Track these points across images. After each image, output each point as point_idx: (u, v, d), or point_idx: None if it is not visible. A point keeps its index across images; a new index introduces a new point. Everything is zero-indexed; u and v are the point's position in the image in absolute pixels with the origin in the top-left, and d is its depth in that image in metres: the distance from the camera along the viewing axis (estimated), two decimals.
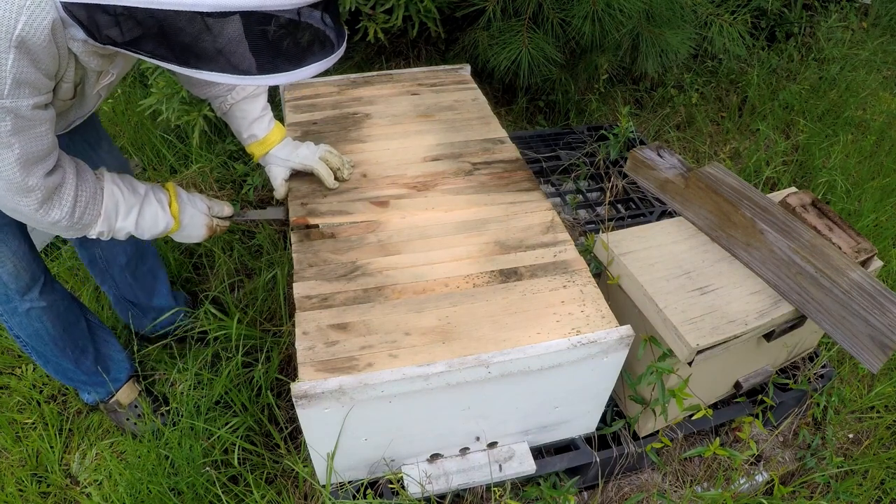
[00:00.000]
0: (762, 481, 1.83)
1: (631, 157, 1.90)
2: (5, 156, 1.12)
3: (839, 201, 2.78)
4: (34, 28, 1.01)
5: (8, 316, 1.61)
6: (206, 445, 1.71)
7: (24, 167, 1.15)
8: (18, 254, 1.50)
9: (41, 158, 1.18)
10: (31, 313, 1.61)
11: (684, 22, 2.79)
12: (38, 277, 1.58)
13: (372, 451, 1.43)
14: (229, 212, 1.63)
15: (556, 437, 1.63)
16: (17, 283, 1.53)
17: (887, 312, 1.40)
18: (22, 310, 1.59)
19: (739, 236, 1.62)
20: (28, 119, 1.11)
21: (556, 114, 3.25)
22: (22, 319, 1.61)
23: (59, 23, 1.04)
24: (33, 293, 1.58)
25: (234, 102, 1.62)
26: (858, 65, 3.79)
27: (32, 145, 1.14)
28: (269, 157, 1.70)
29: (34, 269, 1.57)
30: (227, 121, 1.69)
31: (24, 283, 1.55)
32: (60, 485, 1.82)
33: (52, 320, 1.65)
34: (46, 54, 1.06)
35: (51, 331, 1.66)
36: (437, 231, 1.60)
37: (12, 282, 1.53)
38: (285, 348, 1.98)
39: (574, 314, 1.40)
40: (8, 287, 1.53)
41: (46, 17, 1.01)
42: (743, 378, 1.74)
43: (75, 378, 1.82)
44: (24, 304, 1.59)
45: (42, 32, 1.02)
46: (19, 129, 1.11)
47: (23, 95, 1.07)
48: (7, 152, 1.11)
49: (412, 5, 2.57)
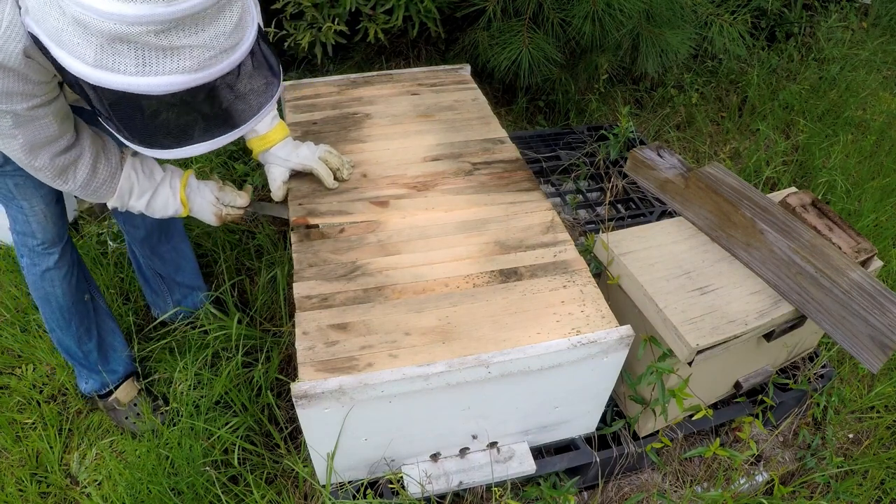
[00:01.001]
0: (762, 481, 1.83)
1: (631, 157, 1.90)
2: (11, 144, 1.24)
3: (839, 201, 2.78)
4: (8, 54, 1.08)
5: (28, 270, 1.71)
6: (205, 445, 1.71)
7: (29, 152, 1.26)
8: (51, 207, 1.62)
9: (48, 143, 1.28)
10: (46, 275, 1.70)
11: (684, 22, 2.79)
12: (62, 236, 1.69)
13: (372, 451, 1.43)
14: (242, 203, 1.67)
15: (556, 437, 1.63)
16: (45, 234, 1.64)
17: (887, 312, 1.40)
18: (39, 269, 1.70)
19: (739, 236, 1.62)
20: (27, 117, 1.19)
21: (556, 114, 3.25)
22: (37, 279, 1.71)
23: (32, 46, 1.08)
24: (55, 250, 1.68)
25: None
26: (858, 65, 3.79)
27: (37, 134, 1.24)
28: (269, 155, 1.70)
29: (60, 229, 1.68)
30: None
31: (50, 237, 1.65)
32: (60, 485, 1.82)
33: (65, 289, 1.73)
34: (30, 69, 1.13)
35: (60, 300, 1.74)
36: (437, 231, 1.60)
37: (40, 231, 1.63)
38: (285, 348, 1.98)
39: (574, 314, 1.40)
40: (35, 237, 1.64)
41: (17, 45, 1.08)
42: (743, 378, 1.74)
43: (75, 356, 1.86)
44: (43, 263, 1.69)
45: (17, 57, 1.09)
46: (20, 123, 1.20)
47: (15, 102, 1.16)
48: (12, 141, 1.23)
49: (412, 5, 2.57)
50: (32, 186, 1.55)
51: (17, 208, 1.59)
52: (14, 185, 1.54)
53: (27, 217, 1.61)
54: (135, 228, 1.91)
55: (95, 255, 2.34)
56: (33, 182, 1.53)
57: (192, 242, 2.25)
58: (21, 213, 1.60)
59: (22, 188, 1.55)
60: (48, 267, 1.69)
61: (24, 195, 1.56)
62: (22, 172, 1.50)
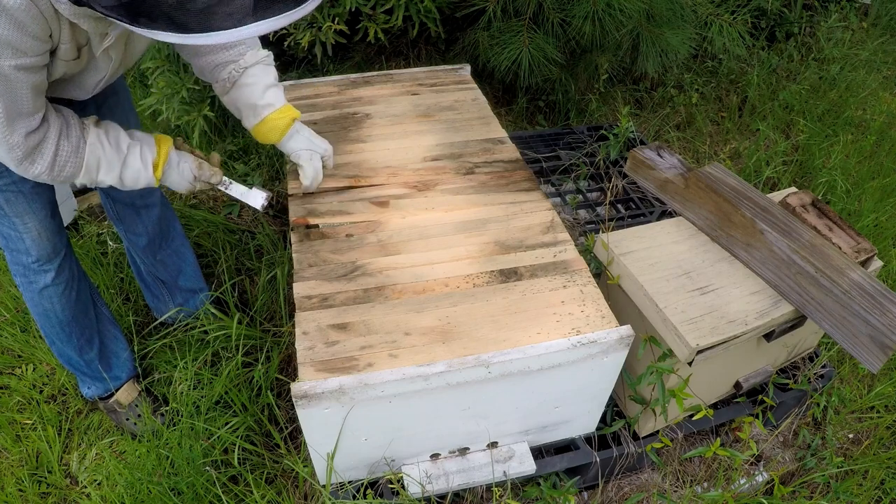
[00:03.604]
0: (762, 481, 1.83)
1: (631, 157, 1.90)
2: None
3: (839, 201, 2.78)
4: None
5: (24, 288, 1.65)
6: (205, 445, 1.71)
7: (8, 123, 1.17)
8: (45, 223, 1.55)
9: (24, 116, 1.20)
10: (44, 293, 1.64)
11: (684, 22, 2.79)
12: (59, 251, 1.63)
13: (372, 451, 1.43)
14: (216, 181, 1.59)
15: (556, 437, 1.63)
16: (39, 250, 1.57)
17: (887, 312, 1.40)
18: (36, 288, 1.63)
19: (739, 236, 1.62)
20: (9, 79, 1.12)
21: (556, 114, 3.25)
22: (34, 296, 1.65)
23: None
24: (52, 266, 1.62)
25: (247, 66, 1.53)
26: (858, 65, 3.79)
27: (14, 104, 1.16)
28: (295, 130, 1.60)
29: (56, 242, 1.61)
30: (236, 97, 1.57)
31: (45, 253, 1.58)
32: (60, 485, 1.82)
33: (64, 304, 1.68)
34: (29, 17, 1.06)
35: (59, 315, 1.69)
36: (437, 231, 1.60)
37: (34, 248, 1.57)
38: (285, 348, 1.98)
39: (574, 314, 1.40)
40: (30, 254, 1.58)
41: None
42: (743, 378, 1.74)
43: (77, 366, 1.84)
44: (40, 281, 1.62)
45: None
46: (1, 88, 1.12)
47: (4, 56, 1.08)
48: None
49: (412, 5, 2.57)
50: (25, 202, 1.49)
51: (9, 226, 1.53)
52: (5, 201, 1.47)
53: (20, 234, 1.54)
54: (136, 236, 1.89)
55: (95, 255, 2.33)
56: (25, 197, 1.48)
57: (192, 243, 2.26)
58: (13, 230, 1.53)
59: (13, 204, 1.48)
60: (45, 284, 1.63)
61: (16, 211, 1.50)
62: (12, 187, 1.45)
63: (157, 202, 1.87)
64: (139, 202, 1.83)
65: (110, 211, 1.87)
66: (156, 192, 1.86)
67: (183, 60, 2.40)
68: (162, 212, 1.90)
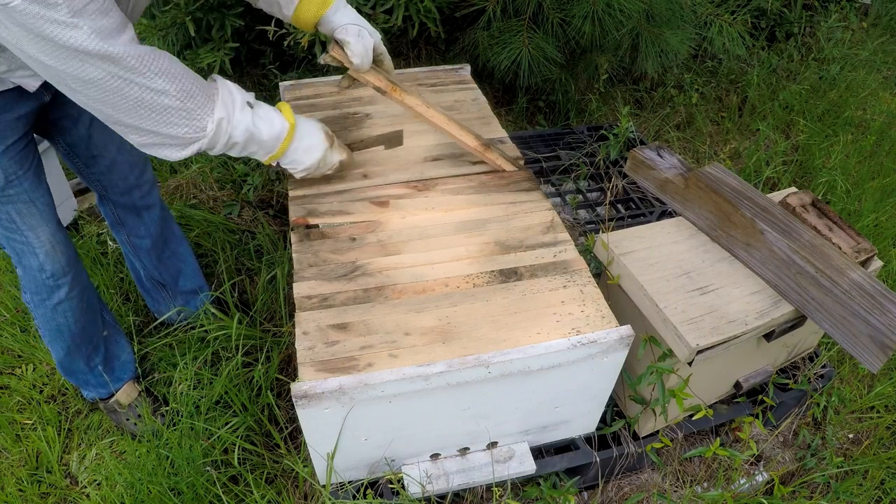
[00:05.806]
0: (762, 481, 1.83)
1: (631, 157, 1.90)
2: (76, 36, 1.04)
3: (839, 201, 2.78)
4: None
5: (35, 306, 1.62)
6: (206, 445, 1.71)
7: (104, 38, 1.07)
8: (57, 236, 1.52)
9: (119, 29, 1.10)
10: (58, 308, 1.61)
11: (684, 22, 2.79)
12: (72, 262, 1.59)
13: (372, 451, 1.43)
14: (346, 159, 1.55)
15: (556, 437, 1.63)
16: (53, 265, 1.53)
17: (887, 312, 1.40)
18: (51, 304, 1.59)
19: (739, 236, 1.62)
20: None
21: (556, 114, 3.25)
22: (47, 312, 1.61)
23: None
24: (65, 280, 1.58)
25: None
26: (858, 65, 3.79)
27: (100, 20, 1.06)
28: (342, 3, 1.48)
29: (70, 256, 1.57)
30: None
31: (59, 266, 1.54)
32: (60, 485, 1.82)
33: (77, 317, 1.66)
34: None
35: (72, 328, 1.67)
36: (437, 231, 1.60)
37: (48, 262, 1.52)
38: (285, 348, 1.98)
39: (574, 314, 1.40)
40: (44, 269, 1.53)
41: None
42: (743, 378, 1.74)
43: (81, 377, 1.83)
44: (54, 297, 1.58)
45: None
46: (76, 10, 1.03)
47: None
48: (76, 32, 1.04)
49: (412, 5, 2.57)
50: (38, 212, 1.44)
51: (22, 241, 1.47)
52: (17, 213, 1.42)
53: (34, 249, 1.48)
54: (139, 239, 1.88)
55: (95, 255, 2.33)
56: (38, 206, 1.43)
57: (192, 243, 2.26)
58: (27, 245, 1.48)
59: (26, 216, 1.43)
60: (60, 300, 1.59)
61: (29, 224, 1.44)
62: (24, 197, 1.39)
63: (157, 202, 1.87)
64: (140, 203, 1.82)
65: (110, 217, 1.86)
66: (156, 192, 1.86)
67: None
68: (162, 213, 1.90)
